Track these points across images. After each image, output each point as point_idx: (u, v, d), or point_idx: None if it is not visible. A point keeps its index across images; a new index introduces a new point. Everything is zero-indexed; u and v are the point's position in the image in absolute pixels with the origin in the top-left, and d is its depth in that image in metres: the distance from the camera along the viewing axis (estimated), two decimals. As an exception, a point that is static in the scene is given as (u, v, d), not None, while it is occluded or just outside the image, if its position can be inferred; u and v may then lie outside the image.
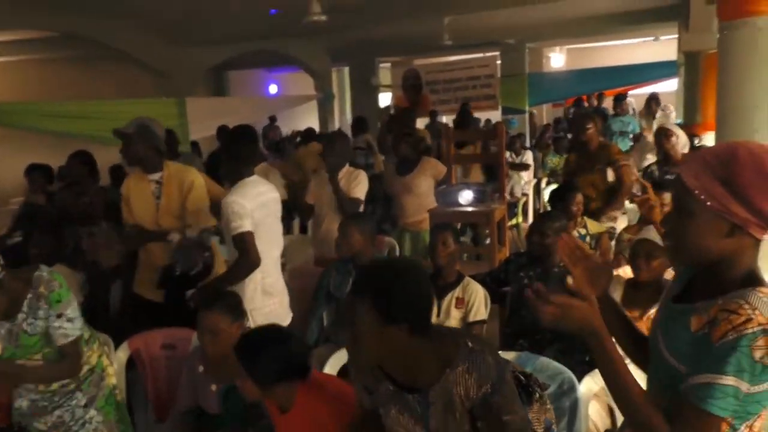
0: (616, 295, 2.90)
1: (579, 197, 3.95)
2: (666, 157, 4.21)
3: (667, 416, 1.23)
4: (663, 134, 4.14)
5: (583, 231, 4.18)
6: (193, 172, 3.42)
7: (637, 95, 13.80)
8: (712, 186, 1.19)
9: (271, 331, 2.21)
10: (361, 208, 3.94)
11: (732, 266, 1.24)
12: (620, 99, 8.46)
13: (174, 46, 9.32)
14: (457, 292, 3.19)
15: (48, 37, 8.82)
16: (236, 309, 2.50)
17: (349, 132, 7.38)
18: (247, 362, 2.04)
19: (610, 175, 4.37)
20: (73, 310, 2.27)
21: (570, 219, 3.57)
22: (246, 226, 2.87)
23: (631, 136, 7.94)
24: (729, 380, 1.14)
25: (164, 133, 3.45)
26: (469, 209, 4.54)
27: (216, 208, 3.26)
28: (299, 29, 8.17)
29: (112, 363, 2.61)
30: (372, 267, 1.66)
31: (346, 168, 3.97)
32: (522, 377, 1.84)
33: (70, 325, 2.25)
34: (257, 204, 2.99)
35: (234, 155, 3.06)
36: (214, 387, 2.49)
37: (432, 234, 3.35)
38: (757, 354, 1.13)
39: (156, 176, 3.30)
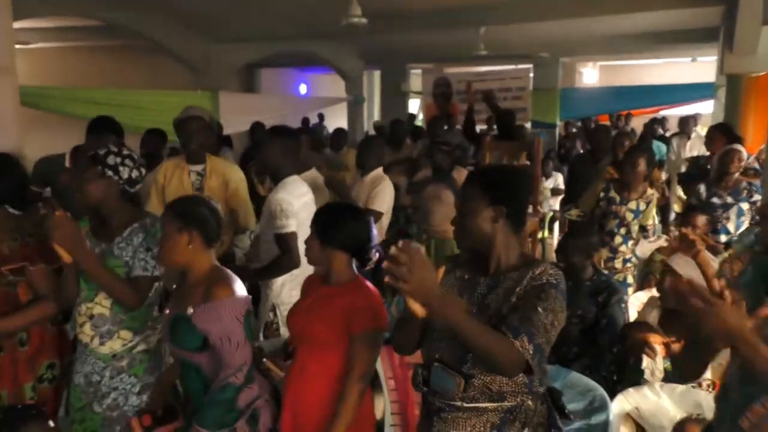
0: (653, 316, 2.84)
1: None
2: (718, 179, 4.08)
3: None
4: (734, 156, 3.99)
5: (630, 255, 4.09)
6: (237, 170, 3.42)
7: (669, 115, 13.65)
8: None
9: (353, 207, 2.38)
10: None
11: None
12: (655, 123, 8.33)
13: (210, 42, 9.41)
14: None
15: (88, 25, 8.96)
16: None
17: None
18: (321, 220, 2.20)
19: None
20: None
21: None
22: (292, 226, 2.90)
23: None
24: None
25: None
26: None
27: None
28: (334, 31, 8.19)
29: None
30: (488, 165, 1.90)
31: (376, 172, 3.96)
32: (556, 394, 1.81)
33: (153, 263, 2.28)
34: (302, 204, 3.02)
35: (280, 154, 3.09)
36: None
37: None
38: None
39: (198, 168, 3.30)
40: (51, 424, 2.07)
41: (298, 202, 2.96)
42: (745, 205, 3.97)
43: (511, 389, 1.68)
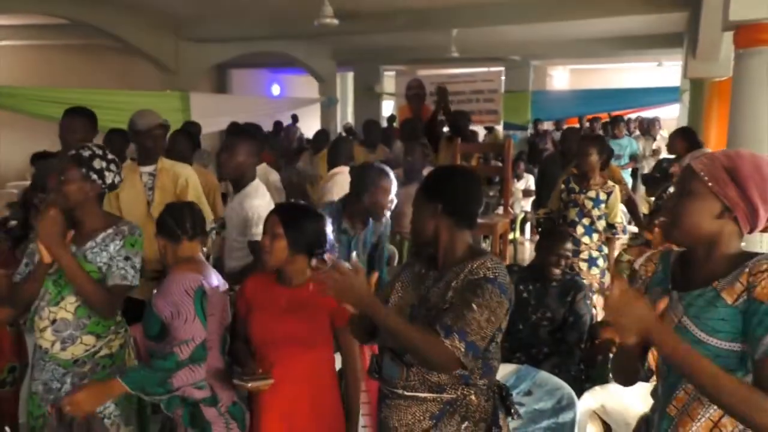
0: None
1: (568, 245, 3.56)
2: None
3: None
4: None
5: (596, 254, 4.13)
6: (187, 168, 3.46)
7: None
8: (716, 170, 1.40)
9: (312, 209, 2.39)
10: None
11: (721, 248, 1.42)
12: (616, 122, 8.50)
13: (180, 41, 9.31)
14: None
15: (55, 23, 8.79)
16: None
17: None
18: (288, 222, 2.17)
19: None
20: (138, 263, 2.29)
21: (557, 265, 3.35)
22: None
23: (628, 157, 8.00)
24: None
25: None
26: (473, 220, 4.56)
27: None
28: (306, 32, 8.19)
29: (132, 357, 2.43)
30: (440, 170, 1.98)
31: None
32: (506, 392, 1.84)
33: (132, 272, 2.26)
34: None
35: (244, 159, 3.11)
36: None
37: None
38: None
39: (149, 168, 3.34)
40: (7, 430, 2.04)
41: (269, 209, 3.03)
42: None
43: (449, 381, 1.72)
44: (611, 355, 2.82)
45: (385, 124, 11.44)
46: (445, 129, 6.86)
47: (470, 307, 1.63)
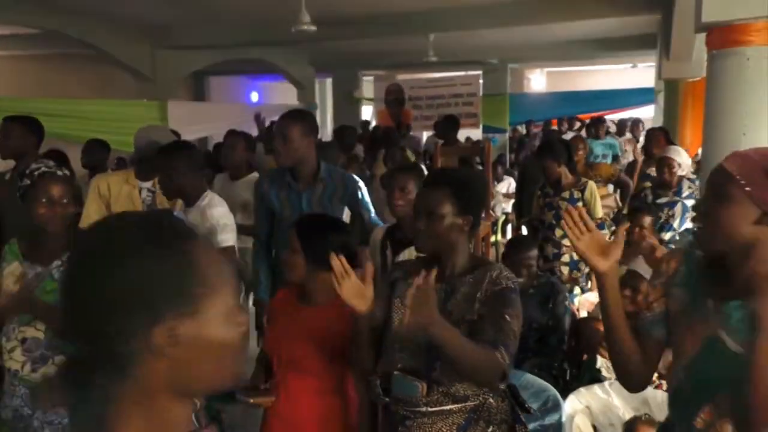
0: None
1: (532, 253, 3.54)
2: (661, 183, 4.28)
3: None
4: (666, 163, 4.21)
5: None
6: None
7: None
8: (753, 173, 1.28)
9: (334, 219, 2.25)
10: None
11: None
12: (598, 123, 8.60)
13: (156, 49, 9.21)
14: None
15: (28, 33, 8.65)
16: None
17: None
18: (305, 237, 2.05)
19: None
20: None
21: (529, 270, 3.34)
22: (232, 240, 2.87)
23: (612, 157, 8.11)
24: None
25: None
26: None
27: None
28: (284, 39, 8.16)
29: None
30: (451, 169, 1.93)
31: None
32: (515, 391, 1.84)
33: None
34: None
35: (189, 171, 2.90)
36: None
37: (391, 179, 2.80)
38: None
39: (148, 184, 3.28)
40: None
41: (230, 215, 2.94)
42: (689, 202, 4.09)
43: (474, 391, 1.70)
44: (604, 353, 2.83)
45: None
46: (427, 134, 6.92)
47: (504, 319, 1.64)
